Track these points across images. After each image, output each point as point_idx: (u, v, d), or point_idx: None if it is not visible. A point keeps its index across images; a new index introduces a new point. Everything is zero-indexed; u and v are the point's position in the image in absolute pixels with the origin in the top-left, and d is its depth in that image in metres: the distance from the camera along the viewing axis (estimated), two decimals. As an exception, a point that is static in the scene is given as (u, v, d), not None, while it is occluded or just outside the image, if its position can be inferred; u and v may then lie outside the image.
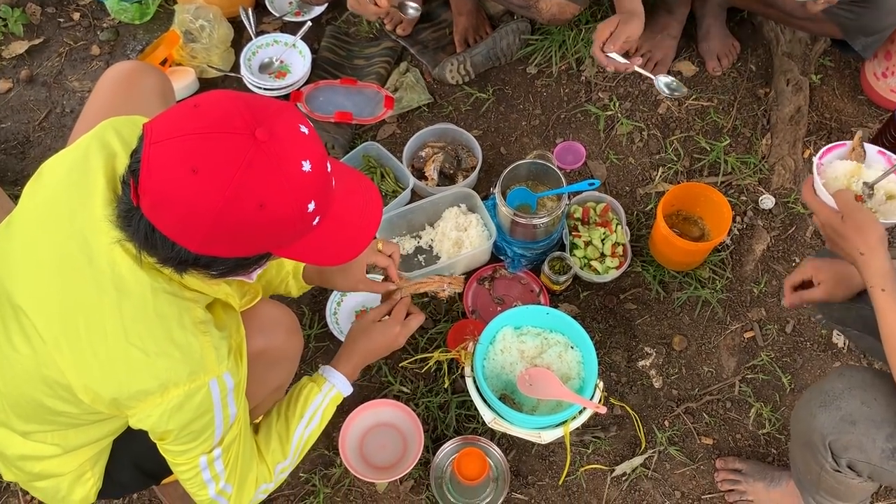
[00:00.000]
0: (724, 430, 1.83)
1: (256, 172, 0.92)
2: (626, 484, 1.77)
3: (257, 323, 1.30)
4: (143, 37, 2.40)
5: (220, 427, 1.12)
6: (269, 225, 0.95)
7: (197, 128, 0.92)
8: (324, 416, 1.39)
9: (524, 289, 1.97)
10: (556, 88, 2.28)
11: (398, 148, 2.13)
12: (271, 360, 1.36)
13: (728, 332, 1.94)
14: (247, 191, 0.91)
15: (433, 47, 2.34)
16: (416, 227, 2.03)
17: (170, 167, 0.91)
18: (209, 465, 1.16)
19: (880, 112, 2.24)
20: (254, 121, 0.93)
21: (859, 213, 1.18)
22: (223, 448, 1.16)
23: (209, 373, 1.05)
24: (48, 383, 1.07)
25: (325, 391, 1.40)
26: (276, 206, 0.94)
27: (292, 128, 0.97)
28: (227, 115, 0.93)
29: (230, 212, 0.92)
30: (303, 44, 2.29)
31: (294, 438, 1.34)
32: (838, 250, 1.22)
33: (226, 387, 1.08)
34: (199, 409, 1.06)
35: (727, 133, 2.20)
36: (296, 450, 1.35)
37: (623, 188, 2.14)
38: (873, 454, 1.22)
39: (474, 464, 1.61)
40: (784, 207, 2.09)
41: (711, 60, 2.29)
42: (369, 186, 1.16)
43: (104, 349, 1.01)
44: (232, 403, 1.11)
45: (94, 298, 1.01)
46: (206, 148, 0.91)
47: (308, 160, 0.96)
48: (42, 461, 1.25)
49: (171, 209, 0.93)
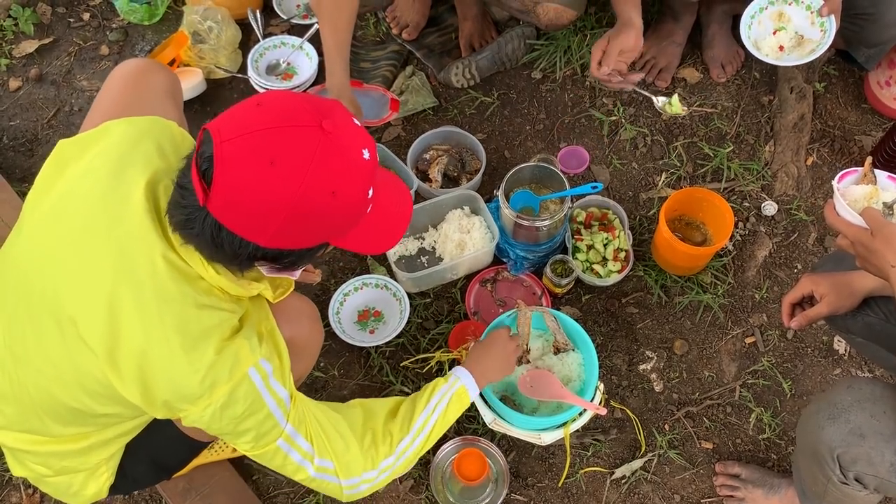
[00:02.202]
0: (724, 435, 1.83)
1: (327, 161, 0.97)
2: (625, 487, 1.77)
3: (283, 313, 1.33)
4: (151, 37, 2.42)
5: (277, 410, 1.15)
6: (337, 212, 1.01)
7: (267, 123, 0.96)
8: (449, 405, 1.42)
9: (526, 291, 1.98)
10: (560, 93, 2.29)
11: (403, 150, 2.14)
12: (295, 351, 1.37)
13: (729, 337, 1.95)
14: (320, 179, 0.96)
15: (439, 51, 2.36)
16: (420, 229, 2.04)
17: (247, 161, 0.94)
18: (292, 446, 1.19)
19: (883, 121, 2.25)
20: (318, 114, 0.98)
21: (888, 228, 1.19)
22: (294, 426, 1.18)
23: (245, 363, 1.08)
24: (98, 390, 1.10)
25: (450, 382, 1.45)
26: (346, 192, 1.00)
27: (348, 120, 1.03)
28: (293, 110, 0.97)
29: (306, 200, 0.96)
30: (310, 46, 2.31)
31: (418, 420, 1.37)
32: (868, 266, 1.23)
33: (265, 372, 1.11)
34: (247, 399, 1.10)
35: (730, 139, 2.21)
36: (418, 431, 1.37)
37: (626, 193, 2.15)
38: (881, 468, 1.23)
39: (474, 464, 1.62)
40: (786, 214, 2.10)
41: (716, 68, 2.30)
42: (396, 178, 1.23)
43: (152, 359, 1.04)
44: (278, 386, 1.14)
45: (138, 310, 1.04)
46: (280, 141, 0.95)
47: (366, 149, 1.03)
48: (66, 458, 1.27)
49: (247, 204, 0.96)
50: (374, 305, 1.95)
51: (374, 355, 1.90)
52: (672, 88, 2.29)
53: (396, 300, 1.94)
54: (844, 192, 1.27)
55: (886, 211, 1.25)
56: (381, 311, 1.95)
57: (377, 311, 1.95)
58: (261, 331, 1.14)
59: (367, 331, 1.92)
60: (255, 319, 1.15)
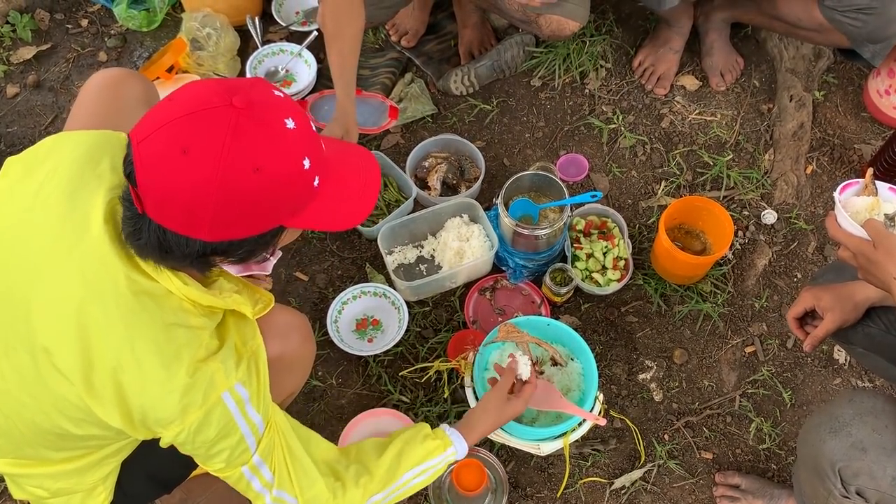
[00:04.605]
0: (724, 445, 1.83)
1: (243, 136, 0.92)
2: (624, 497, 1.76)
3: (273, 328, 1.31)
4: (150, 44, 2.41)
5: (250, 437, 1.13)
6: (270, 189, 0.95)
7: (176, 113, 0.93)
8: (435, 473, 1.42)
9: (525, 300, 1.97)
10: (559, 101, 2.29)
11: (402, 158, 2.14)
12: (286, 366, 1.37)
13: (729, 346, 1.94)
14: (239, 156, 0.92)
15: (438, 59, 2.36)
16: (419, 237, 2.03)
17: (161, 156, 0.92)
18: (255, 474, 1.18)
19: (883, 130, 2.24)
20: (229, 93, 0.94)
21: (890, 240, 1.18)
22: (262, 455, 1.17)
23: (220, 387, 1.06)
24: (79, 416, 1.08)
25: (447, 454, 1.42)
26: (271, 165, 0.94)
27: (267, 92, 0.98)
28: (203, 95, 0.94)
29: (228, 183, 0.92)
30: (308, 53, 2.30)
31: (401, 479, 1.36)
32: (870, 278, 1.22)
33: (240, 397, 1.09)
34: (220, 424, 1.08)
35: (730, 148, 2.21)
36: (396, 489, 1.35)
37: (625, 201, 2.14)
38: (883, 482, 1.22)
39: (473, 475, 1.61)
40: (786, 223, 2.10)
41: (715, 76, 2.30)
42: (362, 150, 1.17)
43: (126, 384, 1.03)
44: (253, 412, 1.12)
45: (107, 336, 1.02)
46: (189, 127, 0.92)
47: (290, 118, 0.97)
48: (60, 479, 1.25)
49: (174, 200, 0.93)
50: (372, 314, 1.95)
51: (372, 364, 1.89)
52: (671, 96, 2.29)
53: (395, 309, 1.93)
54: (846, 203, 1.27)
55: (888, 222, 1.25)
56: (379, 320, 1.94)
57: (375, 319, 1.94)
58: (241, 351, 1.11)
59: (366, 339, 1.92)
60: (238, 338, 1.12)
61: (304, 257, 2.05)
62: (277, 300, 2.00)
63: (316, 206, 1.03)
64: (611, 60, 2.34)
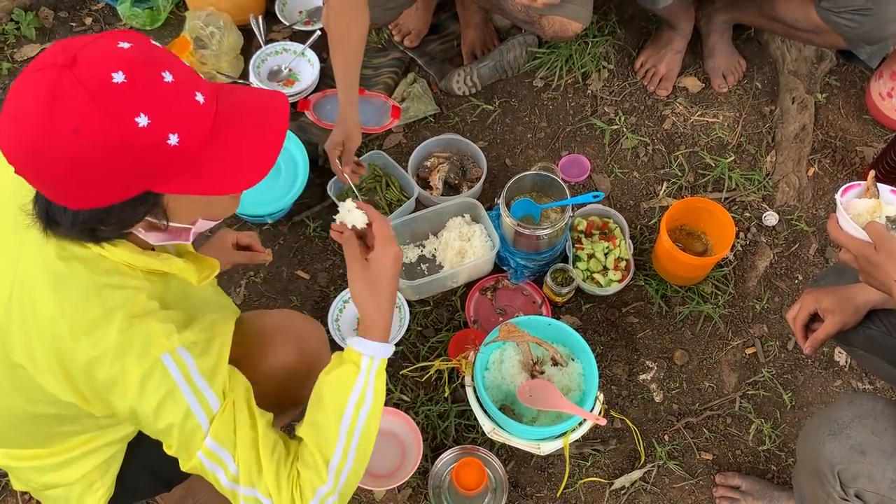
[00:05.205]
0: (724, 446, 1.83)
1: (60, 98, 0.87)
2: (624, 497, 1.76)
3: (291, 333, 1.30)
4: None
5: (200, 412, 1.04)
6: (99, 151, 0.88)
7: (16, 81, 0.92)
8: (374, 397, 1.16)
9: (526, 300, 1.98)
10: (561, 102, 2.29)
11: (404, 157, 2.14)
12: (305, 374, 1.32)
13: (729, 347, 1.94)
14: (56, 119, 0.87)
15: (441, 59, 2.36)
16: (420, 236, 2.03)
17: (3, 124, 0.91)
18: (217, 464, 1.07)
19: (885, 132, 2.25)
20: (61, 51, 0.89)
21: (892, 242, 1.19)
22: (218, 439, 1.06)
23: (158, 348, 1.01)
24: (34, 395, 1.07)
25: (364, 369, 1.16)
26: (90, 126, 0.87)
27: (105, 47, 0.91)
28: (39, 58, 0.92)
29: (52, 147, 0.88)
30: (311, 52, 2.31)
31: (342, 431, 1.13)
32: (871, 280, 1.22)
33: (184, 363, 1.03)
34: (162, 389, 1.02)
35: (732, 149, 2.21)
36: (347, 444, 1.14)
37: (627, 202, 2.14)
38: (882, 484, 1.22)
39: (473, 474, 1.61)
40: (787, 224, 2.10)
41: (717, 78, 2.30)
42: (270, 102, 1.04)
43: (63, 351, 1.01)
44: (201, 382, 1.04)
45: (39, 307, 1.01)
46: (18, 92, 0.90)
47: (120, 71, 0.88)
48: (45, 473, 1.25)
49: (24, 167, 0.92)
50: (373, 313, 1.95)
51: (373, 363, 1.89)
52: (673, 97, 2.29)
53: (396, 308, 1.93)
54: (847, 205, 1.27)
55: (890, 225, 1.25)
56: (380, 319, 1.94)
57: (377, 318, 1.94)
58: (190, 319, 1.06)
59: (367, 338, 1.92)
60: (186, 305, 1.07)
61: (305, 256, 2.06)
62: (279, 299, 2.02)
63: (197, 169, 0.95)
64: (613, 61, 2.34)
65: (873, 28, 1.88)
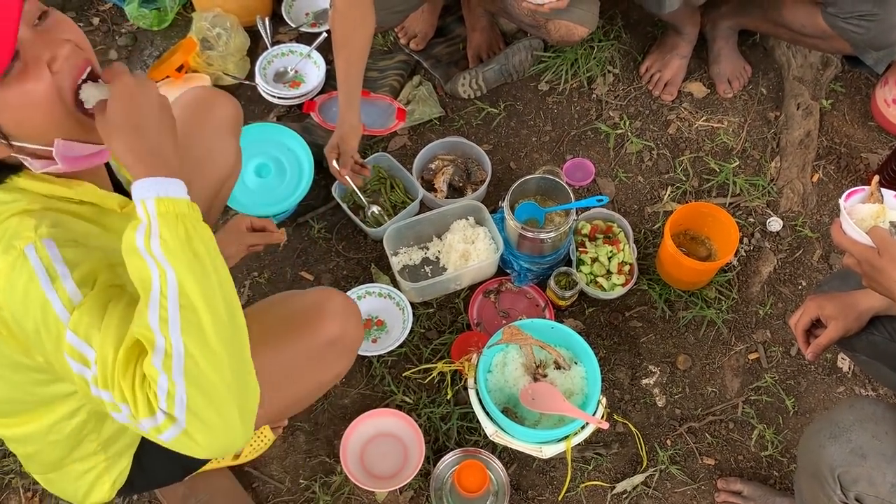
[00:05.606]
0: (726, 451, 1.83)
1: None
2: (626, 501, 1.76)
3: (332, 309, 1.36)
4: (160, 43, 2.43)
5: (57, 302, 0.95)
6: None
7: None
8: (166, 243, 0.95)
9: (530, 303, 1.98)
10: (566, 106, 2.30)
11: (409, 160, 2.15)
12: (343, 348, 1.40)
13: (732, 352, 1.94)
14: None
15: (446, 62, 2.37)
16: (424, 239, 2.04)
17: None
18: (84, 365, 0.96)
19: (890, 139, 2.24)
20: None
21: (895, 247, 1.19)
22: (79, 333, 0.95)
23: (22, 239, 0.96)
24: None
25: (144, 218, 0.96)
26: None
27: None
28: None
29: None
30: (318, 54, 2.32)
31: (151, 309, 0.94)
32: (875, 285, 1.22)
33: (46, 254, 0.96)
34: (23, 280, 0.95)
35: (736, 155, 2.21)
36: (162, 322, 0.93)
37: (631, 206, 2.15)
38: (882, 488, 1.22)
39: (475, 476, 1.61)
40: (791, 230, 2.10)
41: (722, 83, 2.30)
42: None
43: None
44: (66, 277, 0.96)
45: None
46: None
47: None
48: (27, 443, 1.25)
49: None
50: (377, 314, 1.95)
51: (375, 364, 1.89)
52: (678, 102, 2.29)
53: (399, 310, 1.94)
54: (851, 210, 1.27)
55: (893, 230, 1.25)
56: (383, 321, 1.95)
57: (380, 320, 1.95)
58: (60, 218, 1.02)
59: (370, 340, 1.92)
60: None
61: (309, 257, 2.06)
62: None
63: None
64: (618, 66, 2.34)
65: (880, 33, 1.88)
